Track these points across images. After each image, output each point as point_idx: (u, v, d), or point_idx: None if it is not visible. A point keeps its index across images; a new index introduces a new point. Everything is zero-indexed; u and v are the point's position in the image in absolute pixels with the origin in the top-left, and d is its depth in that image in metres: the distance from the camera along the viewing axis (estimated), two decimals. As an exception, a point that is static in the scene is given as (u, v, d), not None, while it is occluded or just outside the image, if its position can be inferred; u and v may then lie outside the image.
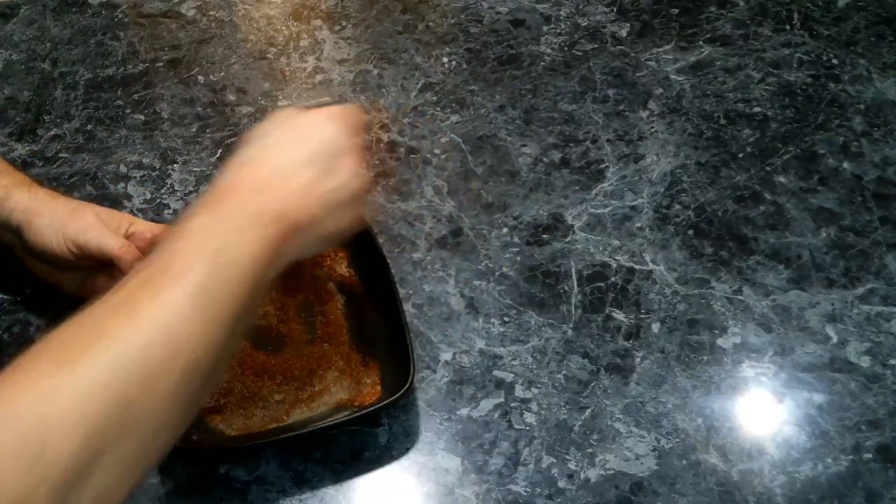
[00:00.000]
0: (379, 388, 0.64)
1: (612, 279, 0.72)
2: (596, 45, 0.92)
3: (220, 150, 0.83)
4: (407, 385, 0.59)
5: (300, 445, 0.63)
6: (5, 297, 0.73)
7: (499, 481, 0.61)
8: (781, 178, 0.79)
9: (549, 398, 0.65)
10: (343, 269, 0.71)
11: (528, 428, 0.64)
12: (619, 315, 0.70)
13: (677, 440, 0.63)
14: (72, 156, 0.83)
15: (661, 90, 0.87)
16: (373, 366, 0.65)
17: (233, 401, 0.64)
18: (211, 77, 0.91)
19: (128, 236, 0.66)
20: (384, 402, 0.60)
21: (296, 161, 0.52)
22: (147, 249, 0.66)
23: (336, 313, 0.69)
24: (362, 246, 0.69)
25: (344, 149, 0.55)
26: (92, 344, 0.40)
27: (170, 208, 0.79)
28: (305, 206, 0.51)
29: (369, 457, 0.63)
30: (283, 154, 0.53)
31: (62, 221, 0.63)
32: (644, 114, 0.85)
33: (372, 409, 0.60)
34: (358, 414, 0.60)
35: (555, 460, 0.62)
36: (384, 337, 0.66)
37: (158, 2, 0.99)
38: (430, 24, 0.95)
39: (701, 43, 0.91)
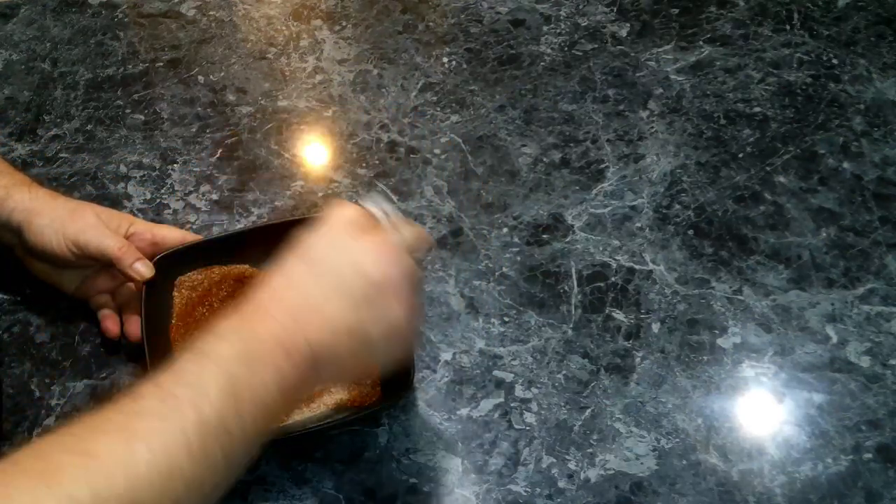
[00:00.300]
0: (379, 388, 0.64)
1: (612, 279, 0.72)
2: (596, 45, 0.92)
3: (220, 150, 0.83)
4: (407, 386, 0.59)
5: (300, 445, 0.63)
6: (5, 297, 0.73)
7: (499, 481, 0.61)
8: (781, 178, 0.79)
9: (549, 398, 0.65)
10: None
11: (528, 428, 0.64)
12: (619, 315, 0.70)
13: (677, 440, 0.63)
14: (72, 156, 0.83)
15: (661, 90, 0.87)
16: (373, 366, 0.65)
17: None
18: (211, 77, 0.91)
19: (128, 236, 0.66)
20: (384, 403, 0.60)
21: (337, 291, 0.47)
22: (148, 250, 0.66)
23: None
24: None
25: (394, 287, 0.48)
26: (78, 464, 0.37)
27: (170, 208, 0.79)
28: (333, 343, 0.46)
29: (369, 457, 0.63)
30: (325, 281, 0.47)
31: (62, 221, 0.63)
32: (644, 114, 0.85)
33: (372, 409, 0.60)
34: (358, 415, 0.60)
35: (555, 460, 0.62)
36: None
37: (158, 2, 0.99)
38: (430, 24, 0.95)
39: (701, 43, 0.91)
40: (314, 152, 0.84)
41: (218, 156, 0.83)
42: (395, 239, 0.50)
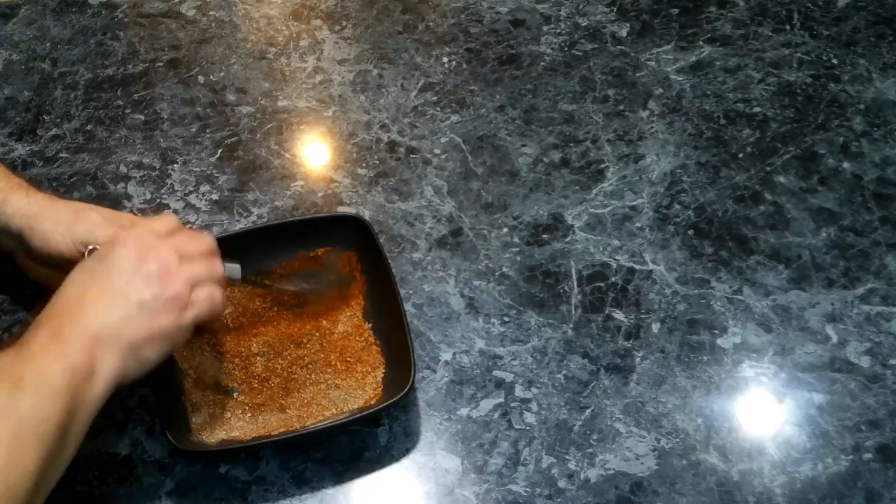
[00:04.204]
0: (381, 389, 0.64)
1: (612, 279, 0.72)
2: (596, 45, 0.92)
3: (220, 150, 0.83)
4: (408, 386, 0.59)
5: (300, 446, 0.63)
6: (5, 297, 0.73)
7: (499, 481, 0.61)
8: (781, 178, 0.79)
9: (549, 398, 0.65)
10: (356, 272, 0.71)
11: (528, 428, 0.64)
12: (619, 315, 0.70)
13: (677, 440, 0.63)
14: (72, 156, 0.83)
15: (661, 90, 0.87)
16: (377, 367, 0.65)
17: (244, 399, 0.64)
18: (211, 77, 0.91)
19: None
20: (385, 403, 0.60)
21: (124, 283, 0.54)
22: None
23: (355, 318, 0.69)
24: (365, 247, 0.69)
25: (176, 278, 0.55)
26: None
27: (170, 208, 0.79)
28: (125, 330, 0.53)
29: (369, 457, 0.63)
30: (115, 275, 0.54)
31: (68, 223, 0.63)
32: (644, 114, 0.85)
33: (373, 409, 0.60)
34: (359, 415, 0.60)
35: (555, 460, 0.62)
36: (385, 336, 0.66)
37: (158, 2, 0.99)
38: (430, 24, 0.95)
39: (701, 43, 0.91)
40: (314, 152, 0.84)
41: (218, 156, 0.83)
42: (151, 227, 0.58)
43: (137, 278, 0.54)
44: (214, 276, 0.59)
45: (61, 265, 0.64)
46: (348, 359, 0.66)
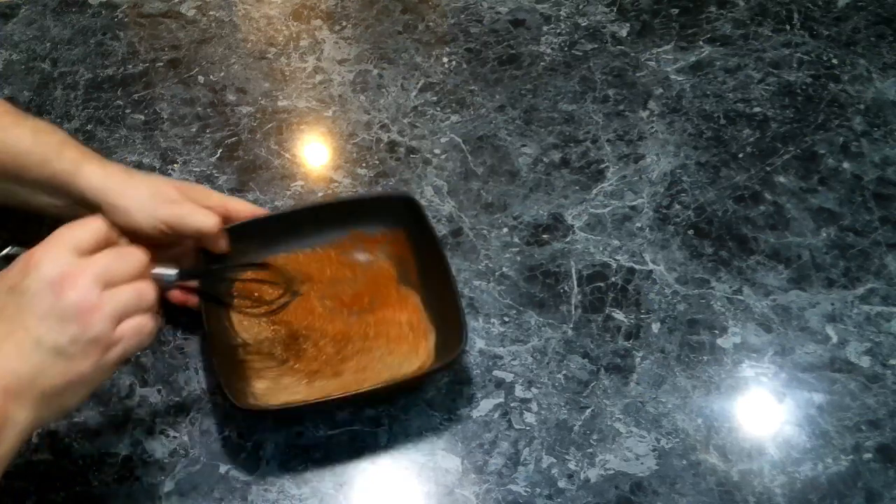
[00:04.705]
0: (433, 355, 0.65)
1: (612, 279, 0.72)
2: (596, 45, 0.92)
3: (220, 150, 0.83)
4: (460, 348, 0.61)
5: (301, 446, 0.63)
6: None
7: (499, 481, 0.61)
8: (781, 178, 0.79)
9: (549, 398, 0.65)
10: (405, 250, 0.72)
11: (528, 428, 0.64)
12: (619, 315, 0.70)
13: (677, 440, 0.63)
14: (72, 156, 0.83)
15: (661, 90, 0.87)
16: (428, 334, 0.67)
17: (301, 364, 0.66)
18: (211, 77, 0.91)
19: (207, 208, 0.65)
20: (439, 365, 0.62)
21: (36, 325, 0.47)
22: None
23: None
24: (416, 224, 0.70)
25: (98, 315, 0.48)
26: None
27: (170, 208, 0.79)
28: (39, 380, 0.47)
29: (369, 457, 0.63)
30: (26, 315, 0.47)
31: (151, 202, 0.62)
32: (644, 114, 0.85)
33: (428, 372, 0.63)
34: (417, 375, 0.63)
35: (555, 460, 0.62)
36: (434, 308, 0.67)
37: (158, 2, 0.99)
38: (430, 24, 0.95)
39: (701, 43, 0.91)
40: (314, 152, 0.84)
41: (218, 156, 0.83)
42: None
43: (51, 319, 0.47)
44: (144, 305, 0.51)
45: (143, 242, 0.60)
46: (401, 329, 0.67)
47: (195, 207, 0.64)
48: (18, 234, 0.59)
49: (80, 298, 0.47)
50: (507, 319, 0.70)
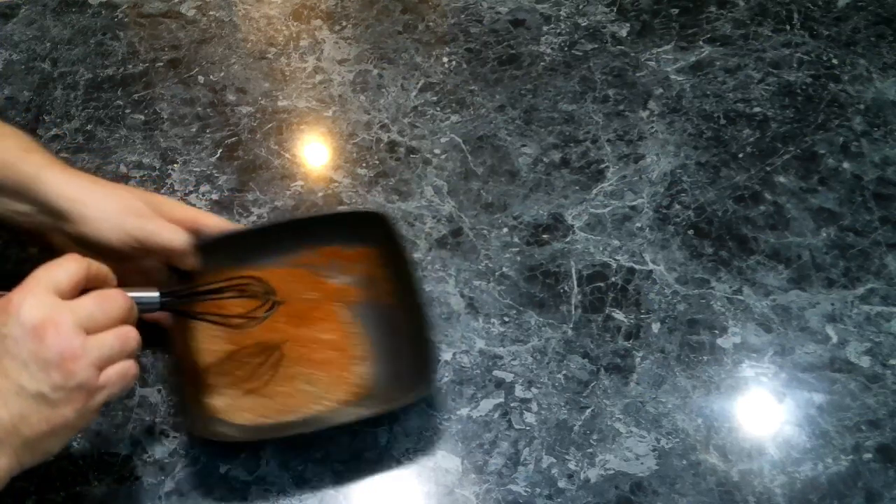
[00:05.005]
0: (371, 385, 0.64)
1: (612, 279, 0.72)
2: (596, 45, 0.92)
3: (220, 150, 0.83)
4: (426, 384, 0.61)
5: (300, 446, 0.63)
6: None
7: (499, 481, 0.61)
8: (781, 178, 0.79)
9: (549, 398, 0.65)
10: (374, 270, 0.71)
11: (528, 428, 0.64)
12: (619, 315, 0.70)
13: (677, 440, 0.63)
14: (72, 156, 0.83)
15: (661, 90, 0.87)
16: (368, 362, 0.66)
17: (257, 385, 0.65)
18: (211, 77, 0.91)
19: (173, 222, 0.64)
20: (399, 403, 0.61)
21: (18, 373, 0.46)
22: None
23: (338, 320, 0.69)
24: (388, 246, 0.69)
25: (81, 364, 0.47)
26: None
27: (170, 208, 0.79)
28: (21, 427, 0.46)
29: (369, 457, 0.63)
30: (6, 362, 0.47)
31: (118, 215, 0.60)
32: (644, 114, 0.85)
33: (387, 409, 0.61)
34: (372, 415, 0.62)
35: (555, 460, 0.62)
36: (405, 335, 0.66)
37: (158, 2, 0.99)
38: (430, 24, 0.95)
39: (701, 43, 0.91)
40: (314, 152, 0.84)
41: (218, 156, 0.83)
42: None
43: (33, 366, 0.46)
44: (127, 350, 0.51)
45: (109, 254, 0.60)
46: (326, 353, 0.66)
47: (164, 223, 0.62)
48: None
49: (63, 346, 0.47)
50: (507, 319, 0.70)
